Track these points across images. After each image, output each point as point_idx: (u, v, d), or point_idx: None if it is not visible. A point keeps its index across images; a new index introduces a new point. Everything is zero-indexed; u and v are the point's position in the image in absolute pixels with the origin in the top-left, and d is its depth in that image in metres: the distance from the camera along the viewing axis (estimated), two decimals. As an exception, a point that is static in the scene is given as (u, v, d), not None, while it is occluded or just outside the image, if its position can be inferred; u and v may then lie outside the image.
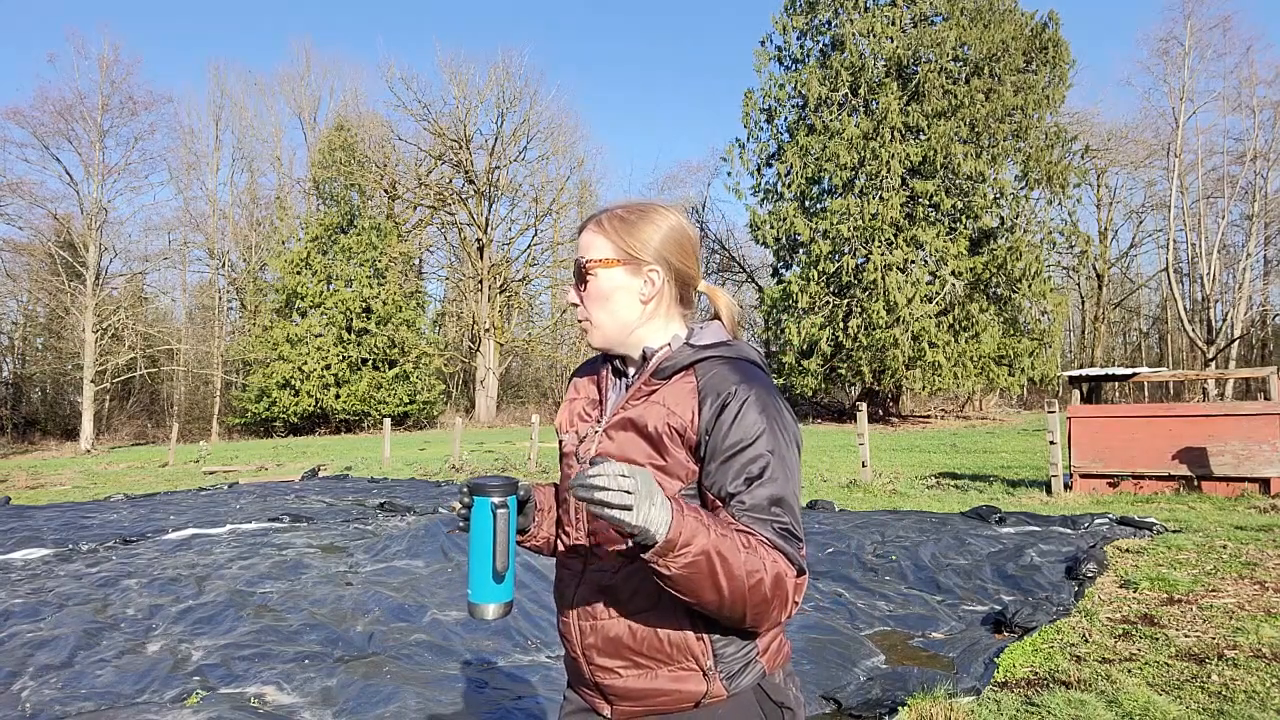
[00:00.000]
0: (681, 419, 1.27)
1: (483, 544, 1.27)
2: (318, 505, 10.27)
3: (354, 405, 35.38)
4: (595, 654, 1.29)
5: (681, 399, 1.29)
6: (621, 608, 1.26)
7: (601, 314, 1.37)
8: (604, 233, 1.39)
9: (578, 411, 1.43)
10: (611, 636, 1.27)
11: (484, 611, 1.28)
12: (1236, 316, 31.42)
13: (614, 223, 1.39)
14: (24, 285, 38.91)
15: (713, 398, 1.26)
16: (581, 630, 1.31)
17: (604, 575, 1.29)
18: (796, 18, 27.59)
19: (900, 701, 3.25)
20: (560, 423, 1.46)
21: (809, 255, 25.53)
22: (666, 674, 1.24)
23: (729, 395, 1.25)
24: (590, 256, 1.37)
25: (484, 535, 1.26)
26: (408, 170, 41.28)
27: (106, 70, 34.92)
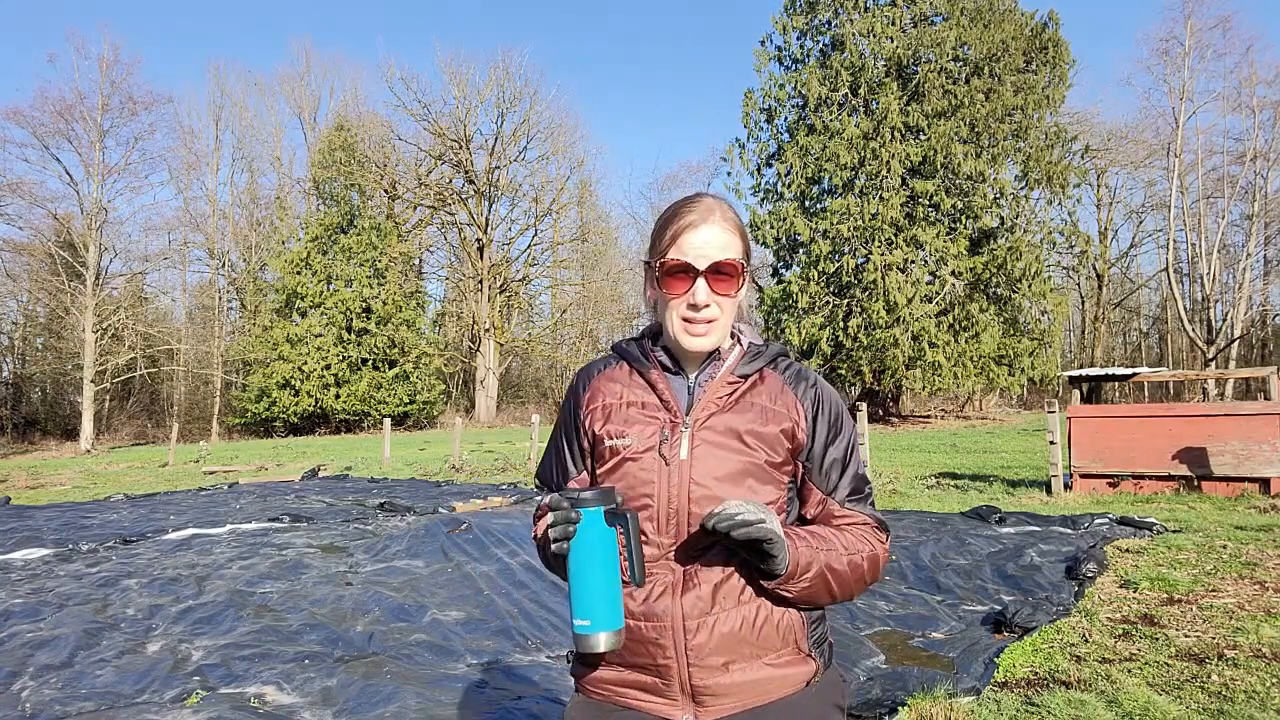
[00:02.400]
0: (789, 417, 1.34)
1: (602, 561, 1.19)
2: (318, 505, 10.27)
3: (354, 405, 35.39)
4: (704, 654, 1.26)
5: (780, 398, 1.35)
6: (737, 598, 1.27)
7: (727, 317, 1.35)
8: (738, 234, 1.37)
9: (630, 414, 1.36)
10: (726, 631, 1.26)
11: (599, 642, 1.19)
12: (1236, 316, 31.41)
13: (739, 223, 1.39)
14: (24, 285, 38.93)
15: (810, 395, 1.37)
16: (688, 631, 1.27)
17: (714, 573, 1.28)
18: (796, 18, 27.57)
19: (900, 701, 3.24)
20: (608, 429, 1.36)
21: (809, 255, 25.52)
22: (776, 660, 1.29)
23: (819, 391, 1.38)
24: (736, 258, 1.34)
25: (604, 551, 1.19)
26: (408, 170, 41.30)
27: (106, 70, 34.96)
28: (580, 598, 1.18)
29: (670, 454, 1.30)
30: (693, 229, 1.32)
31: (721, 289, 1.32)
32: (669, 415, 1.34)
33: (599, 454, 1.37)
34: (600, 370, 1.45)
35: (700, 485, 1.28)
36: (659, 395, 1.36)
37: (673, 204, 1.40)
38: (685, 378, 1.38)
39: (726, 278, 1.32)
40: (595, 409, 1.39)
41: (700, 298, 1.31)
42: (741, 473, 1.30)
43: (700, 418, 1.32)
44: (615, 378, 1.42)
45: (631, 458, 1.32)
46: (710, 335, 1.33)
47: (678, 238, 1.33)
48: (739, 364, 1.37)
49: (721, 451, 1.30)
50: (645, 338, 1.45)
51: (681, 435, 1.31)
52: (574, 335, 45.49)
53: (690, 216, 1.33)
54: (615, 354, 1.46)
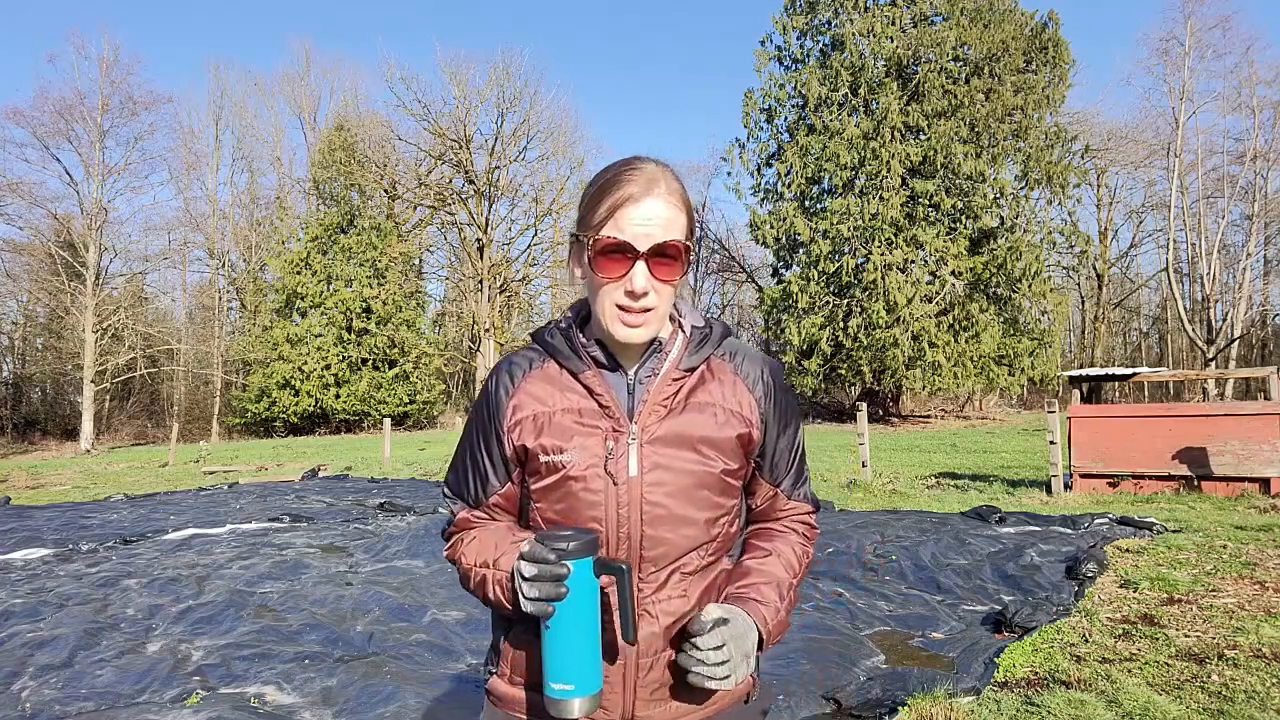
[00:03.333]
0: (744, 419, 1.21)
1: (590, 619, 1.05)
2: (318, 505, 10.27)
3: (354, 405, 35.38)
4: (653, 688, 1.17)
5: (733, 393, 1.22)
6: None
7: (666, 304, 1.17)
8: (684, 209, 1.17)
9: (567, 424, 1.18)
10: (679, 666, 1.14)
11: (575, 709, 1.04)
12: (1236, 316, 31.41)
13: (685, 196, 1.18)
14: (24, 285, 38.92)
15: (760, 386, 1.24)
16: (640, 669, 1.16)
17: (674, 603, 1.18)
18: (796, 18, 27.58)
19: (900, 701, 3.24)
20: (543, 443, 1.18)
21: (809, 255, 25.53)
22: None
23: (768, 378, 1.25)
24: (681, 239, 1.15)
25: (591, 607, 1.05)
26: (408, 170, 41.28)
27: (106, 70, 34.98)
28: (560, 660, 1.03)
29: (617, 470, 1.15)
30: (633, 203, 1.12)
31: (663, 274, 1.14)
32: (611, 423, 1.17)
33: (533, 469, 1.20)
34: (525, 371, 1.24)
35: (655, 505, 1.15)
36: (597, 399, 1.18)
37: (607, 169, 1.18)
38: (624, 374, 1.20)
39: (670, 261, 1.14)
40: (523, 420, 1.20)
41: (639, 284, 1.12)
42: (697, 486, 1.17)
43: (648, 425, 1.16)
44: (544, 380, 1.22)
45: (575, 476, 1.16)
46: (647, 327, 1.15)
47: (615, 212, 1.13)
48: (684, 355, 1.21)
49: (675, 464, 1.16)
50: (572, 326, 1.24)
51: (628, 448, 1.16)
52: (574, 335, 45.37)
53: (631, 188, 1.13)
54: (540, 349, 1.25)
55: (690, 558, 1.19)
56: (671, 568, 1.17)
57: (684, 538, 1.18)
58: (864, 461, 11.01)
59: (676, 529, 1.17)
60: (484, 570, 1.17)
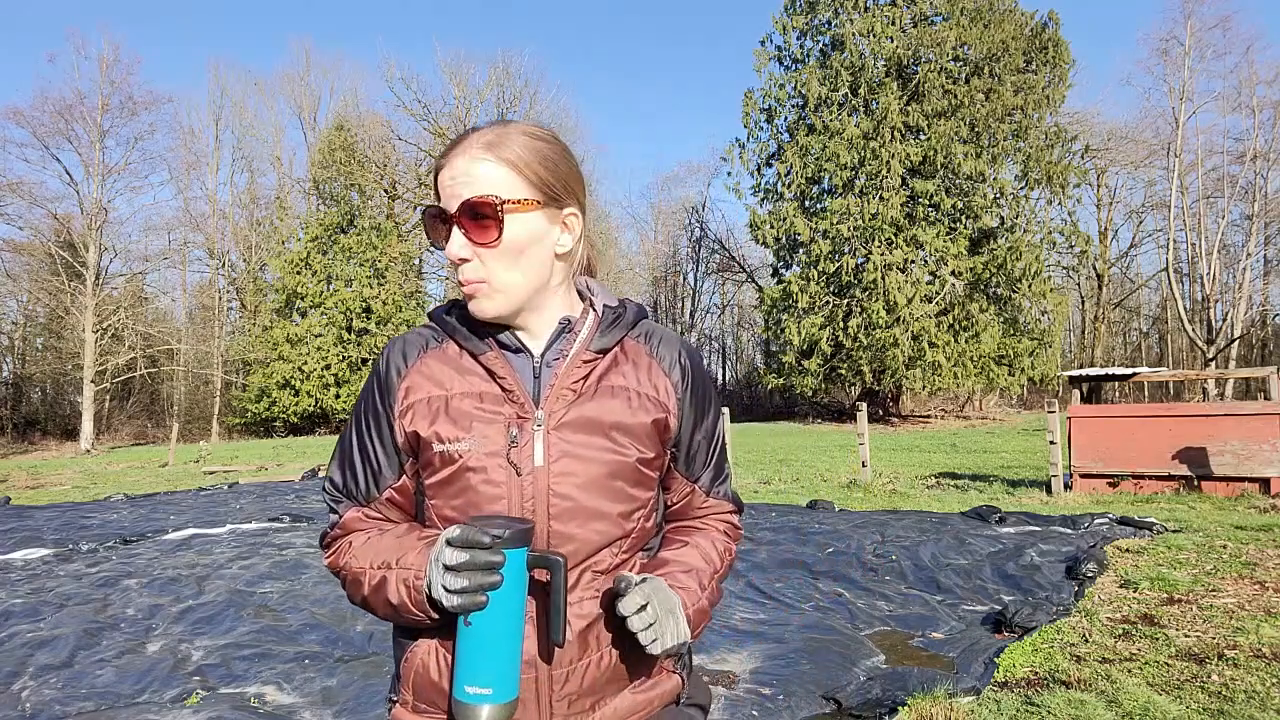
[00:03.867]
0: (659, 404, 1.12)
1: (517, 616, 0.95)
2: (318, 505, 10.26)
3: (354, 405, 35.42)
4: (572, 700, 1.06)
5: (647, 376, 1.13)
6: (610, 637, 1.08)
7: (512, 274, 1.05)
8: (506, 163, 1.04)
9: (465, 409, 1.07)
10: (600, 672, 1.07)
11: (485, 716, 0.92)
12: (1236, 316, 31.41)
13: (516, 150, 1.05)
14: (24, 285, 38.90)
15: (677, 370, 1.15)
16: (555, 681, 1.05)
17: (586, 605, 1.07)
18: (796, 18, 27.59)
19: (900, 701, 3.24)
20: (437, 430, 1.06)
21: (809, 255, 25.55)
22: (641, 685, 1.12)
23: (686, 363, 1.16)
24: (497, 194, 1.02)
25: (520, 604, 0.95)
26: (408, 170, 41.28)
27: (106, 70, 34.96)
28: (480, 661, 0.92)
29: (521, 460, 1.04)
30: (445, 163, 1.04)
31: (480, 236, 1.02)
32: (515, 409, 1.06)
33: (426, 460, 1.08)
34: (420, 351, 1.12)
35: (563, 497, 1.05)
36: (500, 383, 1.07)
37: None
38: (529, 356, 1.10)
39: (482, 221, 1.01)
40: (417, 403, 1.08)
41: (454, 250, 1.02)
42: (609, 475, 1.07)
43: (555, 410, 1.06)
44: (440, 360, 1.11)
45: (473, 467, 1.04)
46: (484, 299, 1.05)
47: (436, 178, 1.06)
48: (594, 336, 1.11)
49: (586, 452, 1.06)
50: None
51: (534, 435, 1.05)
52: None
53: (445, 150, 1.05)
54: (436, 327, 1.15)
55: (603, 555, 1.08)
56: (582, 566, 1.07)
57: (595, 533, 1.07)
58: (864, 461, 11.01)
59: (587, 523, 1.06)
60: (382, 571, 1.04)
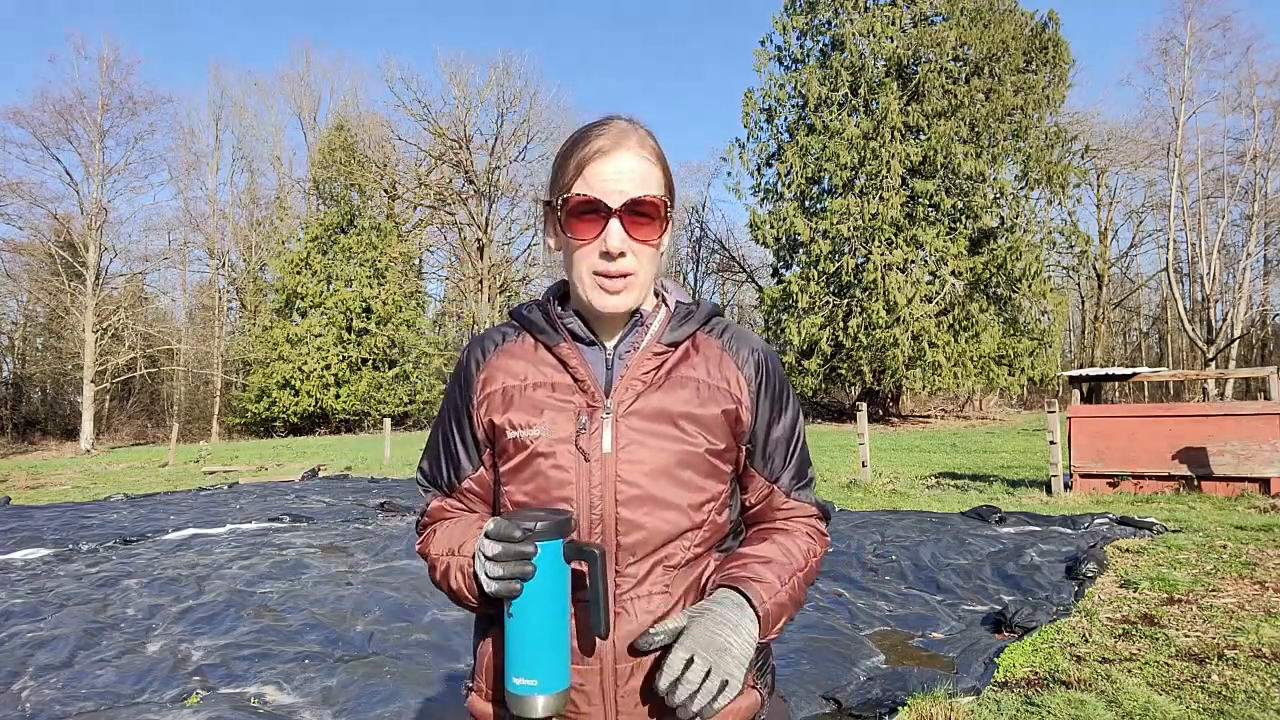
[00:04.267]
0: (730, 395, 1.12)
1: (558, 607, 0.96)
2: (318, 505, 10.27)
3: (354, 405, 35.40)
4: (636, 702, 1.05)
5: (718, 369, 1.13)
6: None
7: (648, 269, 1.09)
8: (659, 164, 1.10)
9: (538, 398, 1.10)
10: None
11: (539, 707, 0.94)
12: (1236, 316, 31.40)
13: (660, 152, 1.10)
14: (24, 285, 38.93)
15: (751, 364, 1.15)
16: (619, 676, 1.05)
17: (656, 600, 1.07)
18: (796, 18, 27.58)
19: (900, 701, 3.24)
20: (510, 418, 1.10)
21: (809, 255, 25.53)
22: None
23: (762, 359, 1.16)
24: (658, 194, 1.07)
25: (560, 595, 0.96)
26: (408, 170, 41.29)
27: (106, 70, 34.98)
28: (524, 652, 0.94)
29: (590, 446, 1.06)
30: (603, 157, 1.06)
31: (641, 234, 1.06)
32: (585, 398, 1.09)
33: (501, 448, 1.12)
34: (498, 344, 1.17)
35: (630, 484, 1.06)
36: (572, 373, 1.11)
37: (577, 130, 1.11)
38: (602, 349, 1.13)
39: (646, 220, 1.06)
40: (493, 394, 1.13)
41: (614, 243, 1.04)
42: (678, 464, 1.08)
43: (624, 400, 1.08)
44: (516, 353, 1.15)
45: (543, 452, 1.07)
46: (627, 293, 1.07)
47: (584, 168, 1.06)
48: (666, 329, 1.13)
49: (653, 440, 1.07)
50: (550, 300, 1.17)
51: (603, 423, 1.07)
52: (574, 335, 45.39)
53: (599, 142, 1.06)
54: (516, 323, 1.19)
55: (673, 548, 1.08)
56: (653, 559, 1.07)
57: (664, 522, 1.07)
58: (864, 461, 11.00)
59: (655, 512, 1.07)
60: (448, 558, 1.09)
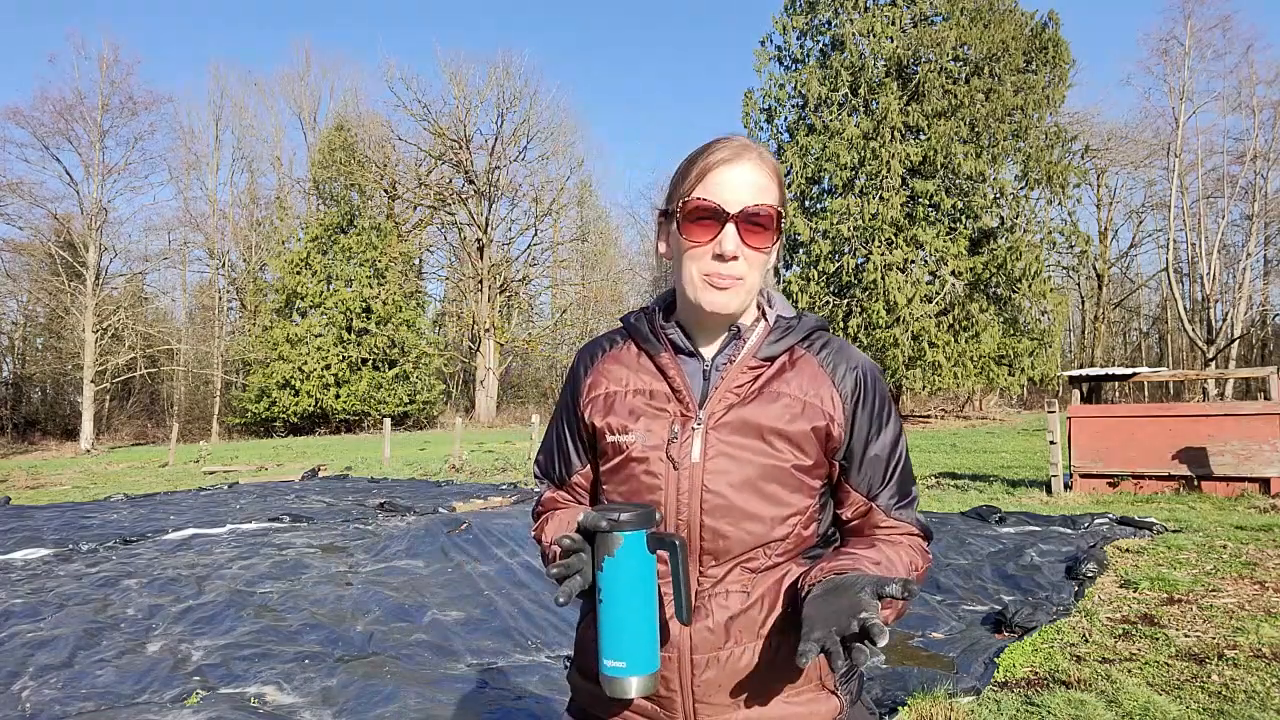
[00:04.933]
0: (823, 412, 1.13)
1: (644, 594, 1.01)
2: (318, 505, 10.27)
3: (354, 405, 35.40)
4: (712, 691, 1.10)
5: (814, 386, 1.15)
6: (755, 631, 1.11)
7: (755, 277, 1.14)
8: (775, 180, 1.15)
9: (636, 405, 1.16)
10: (740, 667, 1.10)
11: (632, 687, 1.01)
12: (1236, 316, 31.40)
13: (777, 168, 1.16)
14: (24, 285, 38.92)
15: (850, 381, 1.16)
16: (695, 666, 1.10)
17: (733, 598, 1.11)
18: (796, 18, 27.57)
19: (900, 701, 3.24)
20: (610, 422, 1.17)
21: (809, 255, 25.53)
22: (795, 698, 1.12)
23: (862, 375, 1.17)
24: (774, 205, 1.13)
25: (645, 582, 1.02)
26: (408, 170, 41.28)
27: (106, 70, 34.98)
28: (614, 636, 1.01)
29: (680, 455, 1.11)
30: (725, 165, 1.12)
31: (754, 241, 1.11)
32: (680, 408, 1.14)
33: (601, 449, 1.20)
34: (605, 351, 1.25)
35: (715, 494, 1.11)
36: (670, 383, 1.16)
37: (701, 145, 1.18)
38: (701, 360, 1.18)
39: (761, 229, 1.11)
40: (597, 397, 1.20)
41: (729, 247, 1.09)
42: (763, 478, 1.11)
43: (716, 411, 1.13)
44: (621, 360, 1.22)
45: (637, 457, 1.14)
46: (735, 294, 1.12)
47: (705, 176, 1.12)
48: (764, 343, 1.16)
49: (741, 453, 1.11)
50: (655, 310, 1.23)
51: (693, 433, 1.12)
52: (574, 335, 45.45)
53: (722, 153, 1.12)
54: (623, 330, 1.26)
55: (755, 554, 1.12)
56: (734, 563, 1.11)
57: (746, 533, 1.11)
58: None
59: (739, 522, 1.10)
60: (554, 546, 1.14)
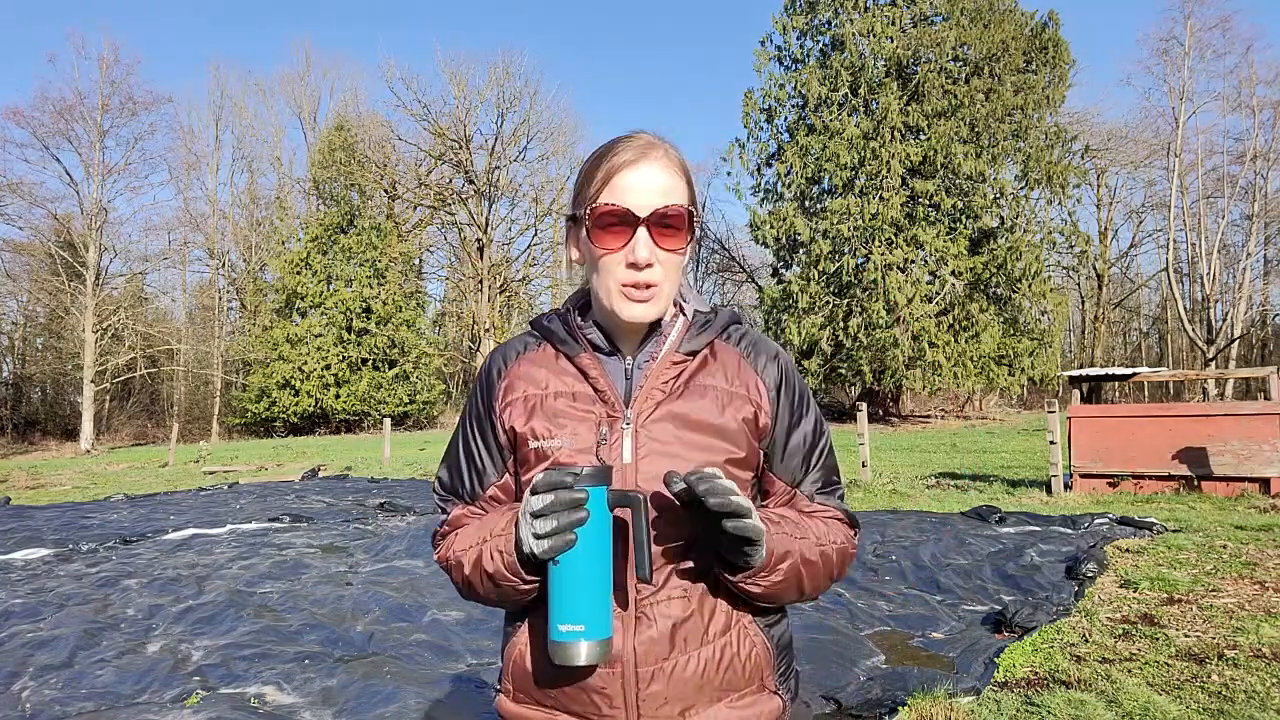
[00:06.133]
0: (750, 400, 1.12)
1: (604, 553, 0.97)
2: (318, 505, 10.27)
3: (354, 405, 35.39)
4: (659, 704, 1.05)
5: (737, 376, 1.14)
6: (700, 638, 1.07)
7: (672, 280, 1.11)
8: (684, 177, 1.12)
9: (558, 408, 1.11)
10: (687, 677, 1.06)
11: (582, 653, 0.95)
12: (1236, 316, 31.40)
13: (685, 165, 1.13)
14: (24, 285, 38.91)
15: (772, 370, 1.16)
16: (640, 680, 1.05)
17: (674, 604, 1.06)
18: (796, 18, 27.57)
19: (900, 701, 3.24)
20: (533, 427, 1.11)
21: (809, 255, 25.52)
22: (738, 702, 1.10)
23: (781, 365, 1.17)
24: (683, 204, 1.09)
25: (606, 541, 0.97)
26: (408, 170, 41.28)
27: (106, 70, 34.98)
28: (570, 599, 0.95)
29: (611, 457, 1.07)
30: (630, 168, 1.07)
31: (668, 243, 1.07)
32: (605, 408, 1.10)
33: (522, 457, 1.13)
34: (519, 353, 1.19)
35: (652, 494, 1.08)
36: (592, 384, 1.12)
37: (602, 145, 1.13)
38: (621, 359, 1.14)
39: (673, 230, 1.08)
40: (514, 401, 1.14)
41: (641, 254, 1.05)
42: None
43: (644, 410, 1.09)
44: (538, 362, 1.16)
45: (564, 463, 1.08)
46: (653, 303, 1.08)
47: (611, 179, 1.07)
48: (684, 339, 1.14)
49: (673, 449, 1.07)
50: (570, 311, 1.19)
51: (623, 433, 1.08)
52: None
53: (626, 154, 1.08)
54: (536, 333, 1.20)
55: (691, 555, 1.09)
56: (670, 567, 1.07)
57: (683, 533, 1.07)
58: (864, 461, 11.00)
59: (675, 523, 1.07)
60: (478, 547, 1.08)
